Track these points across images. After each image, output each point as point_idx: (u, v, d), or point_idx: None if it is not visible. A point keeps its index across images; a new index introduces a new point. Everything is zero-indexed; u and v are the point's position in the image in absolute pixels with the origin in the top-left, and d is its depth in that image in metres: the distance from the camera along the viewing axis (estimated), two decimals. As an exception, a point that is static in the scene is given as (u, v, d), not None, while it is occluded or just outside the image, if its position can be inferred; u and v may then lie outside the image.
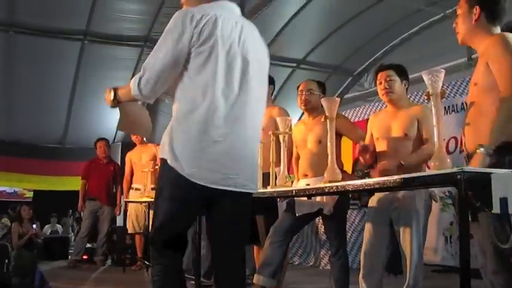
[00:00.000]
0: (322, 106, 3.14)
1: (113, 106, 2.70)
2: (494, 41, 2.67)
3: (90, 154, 8.95)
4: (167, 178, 2.48)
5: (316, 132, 4.18)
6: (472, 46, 2.90)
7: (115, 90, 2.65)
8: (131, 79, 2.52)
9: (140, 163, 7.25)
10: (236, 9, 2.71)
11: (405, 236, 3.54)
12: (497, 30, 2.81)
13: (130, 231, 7.68)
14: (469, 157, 2.60)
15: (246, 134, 2.54)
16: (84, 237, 7.90)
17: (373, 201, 3.77)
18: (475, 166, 2.35)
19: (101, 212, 7.92)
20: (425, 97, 2.40)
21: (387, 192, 3.57)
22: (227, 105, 2.46)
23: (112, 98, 2.65)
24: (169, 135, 2.47)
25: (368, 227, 3.75)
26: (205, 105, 2.42)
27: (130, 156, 7.65)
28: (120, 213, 8.30)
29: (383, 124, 3.76)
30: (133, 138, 7.71)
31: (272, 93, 4.96)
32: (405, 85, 3.75)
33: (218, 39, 2.45)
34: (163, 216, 2.52)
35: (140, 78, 2.49)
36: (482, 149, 2.42)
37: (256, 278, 4.16)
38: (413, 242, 3.51)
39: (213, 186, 2.41)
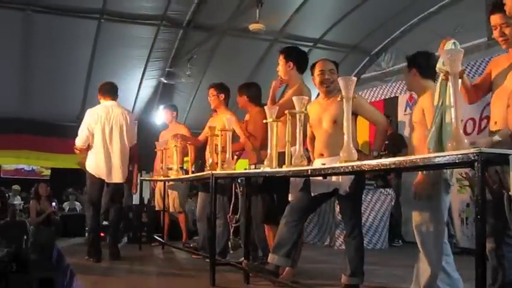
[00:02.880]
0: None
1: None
2: None
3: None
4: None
5: (332, 112, 4.15)
6: None
7: None
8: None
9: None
10: (113, 104, 6.39)
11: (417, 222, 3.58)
12: None
13: (156, 208, 8.03)
14: None
15: (115, 159, 6.23)
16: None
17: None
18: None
19: None
20: (443, 77, 2.37)
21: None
22: (104, 150, 6.17)
23: None
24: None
25: None
26: (98, 150, 6.18)
27: (163, 135, 7.71)
28: (136, 192, 8.35)
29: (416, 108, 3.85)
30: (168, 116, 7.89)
31: (297, 69, 4.84)
32: (414, 73, 3.77)
33: (98, 124, 6.18)
34: None
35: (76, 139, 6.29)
36: None
37: (271, 257, 4.17)
38: (428, 227, 3.52)
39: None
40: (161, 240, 7.48)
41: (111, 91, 6.51)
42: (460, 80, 2.37)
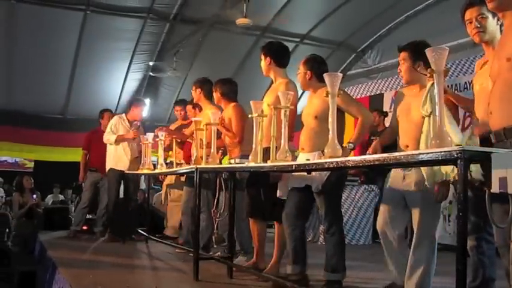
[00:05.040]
0: (319, 82, 3.68)
1: None
2: None
3: (91, 125, 8.94)
4: None
5: (313, 107, 4.14)
6: (504, 14, 2.63)
7: None
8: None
9: None
10: None
11: (415, 217, 3.56)
12: None
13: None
14: (505, 134, 2.49)
15: None
16: (84, 208, 7.90)
17: (387, 181, 3.79)
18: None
19: (102, 184, 7.89)
20: (428, 75, 2.38)
21: (400, 172, 3.63)
22: None
23: None
24: None
25: (384, 207, 3.77)
26: None
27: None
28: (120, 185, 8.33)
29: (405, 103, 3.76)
30: None
31: (276, 64, 4.75)
32: (419, 65, 3.59)
33: None
34: None
35: None
36: None
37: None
38: (423, 222, 3.51)
39: None
40: (145, 234, 7.44)
41: None
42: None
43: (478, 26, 3.11)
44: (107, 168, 7.47)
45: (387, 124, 8.43)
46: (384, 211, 3.78)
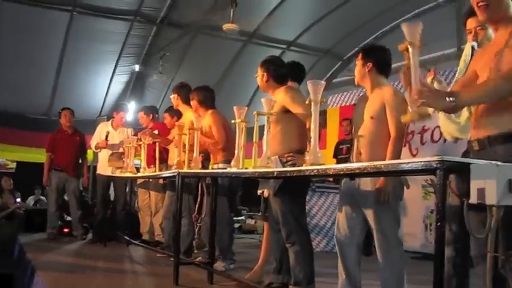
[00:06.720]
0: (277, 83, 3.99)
1: None
2: None
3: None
4: None
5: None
6: (497, 27, 2.54)
7: None
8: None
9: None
10: None
11: (371, 219, 3.32)
12: None
13: None
14: (489, 142, 2.44)
15: None
16: (55, 212, 7.78)
17: (342, 185, 3.59)
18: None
19: (68, 185, 7.77)
20: (404, 49, 2.40)
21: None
22: None
23: None
24: None
25: (338, 211, 3.55)
26: None
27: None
28: (88, 183, 8.42)
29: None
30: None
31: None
32: (368, 66, 3.53)
33: None
34: None
35: None
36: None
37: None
38: (383, 226, 3.29)
39: None
40: (126, 238, 7.39)
41: None
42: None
43: (475, 36, 3.10)
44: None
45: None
46: (340, 217, 3.52)
